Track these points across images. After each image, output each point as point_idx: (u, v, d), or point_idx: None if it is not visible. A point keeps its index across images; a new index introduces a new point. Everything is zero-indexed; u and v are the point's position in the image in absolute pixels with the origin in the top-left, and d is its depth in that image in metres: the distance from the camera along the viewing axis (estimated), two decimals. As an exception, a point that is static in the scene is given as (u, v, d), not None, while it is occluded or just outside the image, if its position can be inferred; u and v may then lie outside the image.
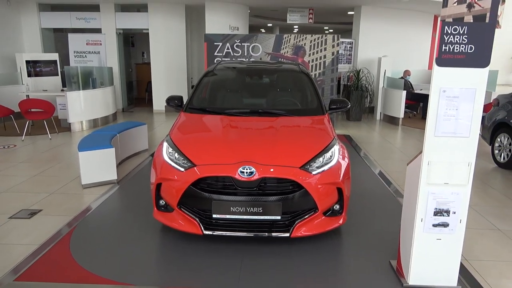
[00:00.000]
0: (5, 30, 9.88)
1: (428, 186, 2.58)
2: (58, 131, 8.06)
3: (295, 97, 4.37)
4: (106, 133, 5.51)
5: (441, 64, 2.40)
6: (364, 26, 10.26)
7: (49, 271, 2.95)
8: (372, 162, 6.02)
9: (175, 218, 3.21)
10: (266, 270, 2.96)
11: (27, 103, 7.42)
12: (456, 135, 2.48)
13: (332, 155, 3.24)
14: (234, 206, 2.98)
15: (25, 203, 4.35)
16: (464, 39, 2.35)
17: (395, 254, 3.01)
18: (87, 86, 8.52)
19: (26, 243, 3.45)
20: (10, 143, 7.18)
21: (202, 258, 3.11)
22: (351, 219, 3.81)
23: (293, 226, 3.06)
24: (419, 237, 2.67)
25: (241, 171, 2.97)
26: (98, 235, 3.53)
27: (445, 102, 2.44)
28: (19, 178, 5.23)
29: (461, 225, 2.63)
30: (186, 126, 3.66)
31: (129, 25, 10.54)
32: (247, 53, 7.99)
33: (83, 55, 10.44)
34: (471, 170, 2.53)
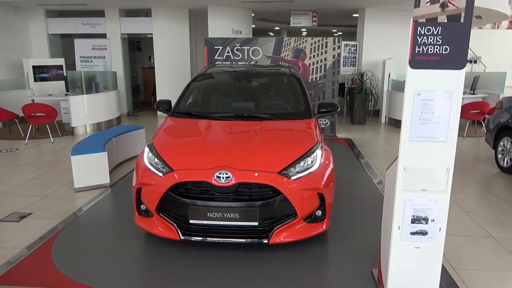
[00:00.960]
0: (14, 36, 10.09)
1: (404, 192, 2.49)
2: (61, 135, 8.16)
3: (283, 101, 4.31)
4: (101, 137, 5.53)
5: (414, 66, 2.31)
6: (368, 28, 10.13)
7: (28, 275, 2.95)
8: (371, 168, 5.90)
9: (155, 224, 3.18)
10: (243, 277, 2.90)
11: (30, 107, 7.53)
12: (432, 140, 2.39)
13: (314, 159, 3.17)
14: (211, 211, 2.94)
15: (17, 207, 4.39)
16: (439, 40, 2.26)
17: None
18: (90, 90, 8.61)
19: (11, 247, 3.47)
20: (13, 147, 7.29)
21: (180, 264, 3.08)
22: (339, 226, 3.73)
23: (272, 232, 3.00)
24: (396, 245, 2.58)
25: (218, 176, 2.93)
26: (81, 240, 3.53)
27: (420, 106, 2.35)
28: (15, 181, 5.29)
29: (440, 233, 2.53)
30: (169, 131, 3.64)
31: (134, 29, 10.64)
32: (247, 57, 7.97)
33: (88, 60, 10.57)
34: (450, 176, 2.43)
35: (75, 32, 10.80)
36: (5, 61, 9.77)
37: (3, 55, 9.71)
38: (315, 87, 7.96)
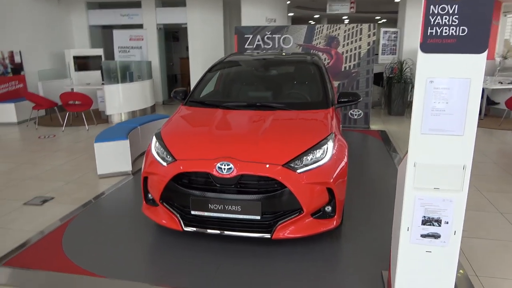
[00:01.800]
0: (56, 28, 10.52)
1: (415, 190, 2.25)
2: (96, 123, 8.42)
3: (300, 90, 4.11)
4: (127, 126, 5.61)
5: (426, 50, 2.06)
6: (410, 14, 9.54)
7: (37, 258, 3.03)
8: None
9: (159, 213, 3.15)
10: (244, 271, 2.80)
11: (67, 96, 7.82)
12: (447, 133, 2.13)
13: (324, 152, 2.98)
14: (212, 203, 2.85)
15: (42, 191, 4.56)
16: (455, 20, 1.99)
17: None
18: (125, 79, 8.80)
19: (28, 229, 3.58)
20: (51, 133, 7.62)
21: (183, 255, 3.03)
22: (355, 223, 3.53)
23: (275, 227, 2.86)
24: (405, 248, 2.36)
25: (219, 167, 2.82)
26: (93, 227, 3.58)
27: (433, 94, 2.10)
28: (46, 166, 5.50)
29: (455, 237, 2.27)
30: (178, 120, 3.58)
31: (169, 20, 10.73)
32: (278, 45, 7.76)
33: (126, 50, 10.82)
34: (467, 174, 2.16)
35: (114, 23, 11.08)
36: (49, 51, 10.23)
37: (47, 46, 10.16)
38: (348, 76, 7.62)
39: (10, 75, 8.99)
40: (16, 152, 6.31)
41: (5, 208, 4.08)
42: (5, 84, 8.83)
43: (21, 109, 8.62)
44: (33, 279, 2.80)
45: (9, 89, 8.94)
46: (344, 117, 7.75)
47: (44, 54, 10.05)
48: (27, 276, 2.83)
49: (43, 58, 10.04)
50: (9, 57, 8.93)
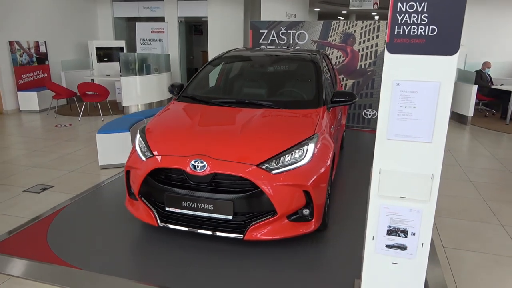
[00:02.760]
0: (82, 19, 10.82)
1: (380, 198, 2.14)
2: (112, 114, 8.61)
3: (294, 88, 4.00)
4: (132, 118, 5.69)
5: (393, 51, 1.93)
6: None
7: (21, 247, 3.11)
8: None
9: (139, 208, 3.16)
10: (214, 271, 2.76)
11: (84, 86, 8.03)
12: (414, 139, 2.00)
13: (303, 154, 2.88)
14: (185, 200, 2.83)
15: (44, 179, 4.70)
16: (424, 18, 1.86)
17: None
18: (142, 72, 8.93)
19: (22, 216, 3.70)
20: (67, 123, 7.86)
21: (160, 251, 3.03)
22: (340, 229, 3.40)
23: (247, 228, 2.81)
24: (371, 258, 2.25)
25: (193, 165, 2.79)
26: (80, 218, 3.63)
27: (399, 98, 1.97)
28: (54, 155, 5.67)
29: (423, 250, 2.14)
30: (165, 116, 3.57)
31: (190, 13, 10.79)
32: (292, 41, 7.63)
33: (148, 42, 10.98)
34: (435, 183, 2.02)
35: (137, 16, 11.27)
36: (73, 42, 10.53)
37: (73, 37, 10.47)
38: (364, 75, 7.39)
39: (35, 64, 9.33)
40: (31, 140, 6.54)
41: (6, 194, 4.23)
42: (30, 73, 9.17)
43: (43, 98, 8.93)
44: (10, 266, 2.88)
45: (34, 78, 9.28)
46: (358, 117, 7.54)
47: (68, 45, 10.36)
48: (5, 262, 2.91)
49: (68, 48, 10.35)
50: (34, 47, 9.27)
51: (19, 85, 8.90)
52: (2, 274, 2.78)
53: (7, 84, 8.72)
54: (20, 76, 8.93)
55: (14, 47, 8.73)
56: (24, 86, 8.99)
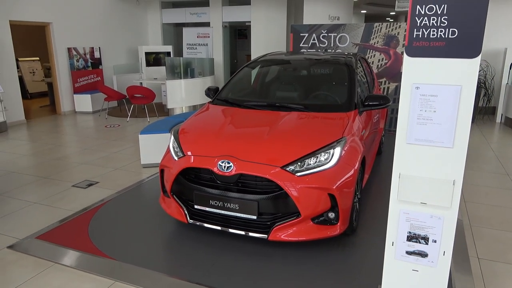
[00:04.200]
0: (134, 26, 11.41)
1: (399, 203, 2.11)
2: (158, 115, 9.00)
3: (327, 91, 3.98)
4: (173, 120, 5.93)
5: (412, 54, 1.91)
6: (489, 11, 8.63)
7: (63, 236, 3.38)
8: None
9: (170, 205, 3.31)
10: (238, 270, 2.84)
11: (132, 89, 8.47)
12: (435, 144, 1.96)
13: (329, 157, 2.89)
14: (213, 199, 2.93)
15: (91, 175, 5.04)
16: (444, 21, 1.82)
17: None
18: (187, 75, 9.26)
19: (68, 209, 4.01)
20: (116, 123, 8.33)
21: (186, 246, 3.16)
22: (369, 233, 3.36)
23: (272, 228, 2.86)
24: (390, 264, 2.22)
25: (220, 165, 2.89)
26: (119, 213, 3.87)
27: (419, 102, 1.94)
28: (102, 153, 6.05)
29: (445, 258, 2.08)
30: (198, 118, 3.70)
31: (234, 18, 11.02)
32: (333, 44, 7.57)
33: (194, 47, 11.35)
34: (456, 190, 1.97)
35: (184, 21, 11.69)
36: (126, 47, 11.14)
37: (125, 43, 11.07)
38: (407, 78, 7.16)
39: (90, 69, 9.98)
40: (82, 138, 7.02)
41: (56, 188, 4.59)
42: (85, 77, 9.82)
43: (96, 100, 9.54)
44: (55, 253, 3.14)
45: (88, 82, 9.93)
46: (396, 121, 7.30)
47: (120, 50, 10.97)
48: (51, 250, 3.18)
49: (120, 53, 10.96)
50: (89, 53, 9.92)
51: (75, 88, 9.56)
52: (47, 261, 3.04)
53: (65, 87, 9.41)
54: (77, 80, 9.59)
55: (71, 53, 9.40)
56: (79, 89, 9.64)
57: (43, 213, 3.92)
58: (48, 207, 4.06)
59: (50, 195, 4.39)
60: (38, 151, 6.18)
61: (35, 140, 6.91)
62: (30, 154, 6.05)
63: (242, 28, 13.52)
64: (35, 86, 12.19)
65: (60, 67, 9.24)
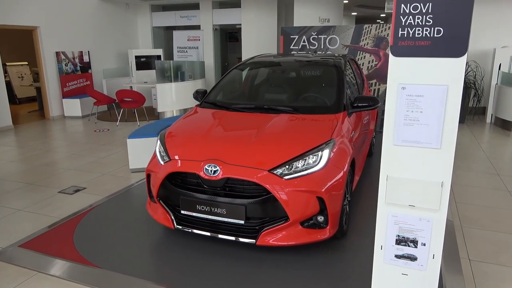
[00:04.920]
0: (124, 29, 11.33)
1: (387, 206, 2.07)
2: (148, 119, 8.92)
3: (315, 93, 3.94)
4: (162, 123, 5.86)
5: (398, 54, 1.88)
6: (475, 9, 8.69)
7: (47, 244, 3.29)
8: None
9: (157, 211, 3.24)
10: (227, 276, 2.78)
11: (121, 93, 8.38)
12: (422, 145, 1.92)
13: (317, 159, 2.84)
14: (200, 204, 2.87)
15: (78, 181, 4.95)
16: (429, 19, 1.79)
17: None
18: (177, 79, 9.20)
19: (54, 215, 3.92)
20: (106, 128, 8.23)
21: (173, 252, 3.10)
22: (360, 236, 3.32)
23: (260, 233, 2.80)
24: (380, 268, 2.17)
25: (206, 169, 2.84)
26: (105, 219, 3.79)
27: (405, 102, 1.91)
28: (90, 158, 5.96)
29: (434, 261, 2.04)
30: (185, 121, 3.64)
31: (224, 21, 10.99)
32: (323, 46, 7.56)
33: (184, 50, 11.29)
34: (445, 192, 1.93)
35: (174, 25, 11.63)
36: (116, 51, 11.04)
37: (113, 46, 10.98)
38: (397, 79, 7.16)
39: (79, 73, 9.87)
40: (71, 143, 6.91)
41: (42, 194, 4.50)
42: (74, 81, 9.71)
43: (85, 104, 9.43)
44: (38, 262, 3.05)
45: (77, 86, 9.82)
46: (391, 122, 7.31)
47: (110, 54, 10.88)
48: (34, 258, 3.10)
49: (109, 57, 10.86)
50: (78, 57, 9.81)
51: (64, 93, 9.44)
52: (30, 270, 2.95)
53: (53, 92, 9.29)
54: (65, 84, 9.47)
55: (60, 57, 9.28)
56: (68, 94, 9.53)
57: (28, 220, 3.83)
58: (33, 214, 3.97)
59: (35, 201, 4.30)
60: (25, 157, 6.07)
61: (22, 146, 6.80)
62: (17, 160, 5.94)
63: (233, 31, 13.49)
64: (24, 91, 12.03)
65: (49, 72, 9.12)
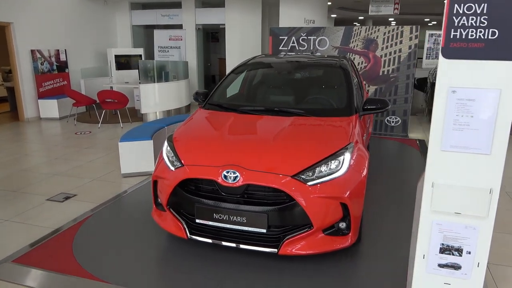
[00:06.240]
0: (101, 27, 10.90)
1: (432, 214, 1.99)
2: (131, 121, 8.60)
3: (324, 95, 3.87)
4: (153, 126, 5.63)
5: (449, 56, 1.80)
6: (459, 15, 8.91)
7: (45, 258, 3.03)
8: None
9: (166, 219, 3.06)
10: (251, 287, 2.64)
11: (103, 93, 8.04)
12: (471, 151, 1.86)
13: (340, 164, 2.75)
14: (217, 212, 2.71)
15: (67, 187, 4.65)
16: (483, 21, 1.73)
17: (404, 292, 2.44)
18: (161, 79, 8.92)
19: (45, 226, 3.64)
20: (87, 130, 7.86)
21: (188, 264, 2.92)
22: (373, 241, 3.25)
23: (282, 242, 2.68)
24: (420, 278, 2.10)
25: (225, 175, 2.68)
26: (105, 228, 3.55)
27: (456, 106, 1.84)
28: (75, 162, 5.64)
29: (479, 270, 1.99)
30: (192, 124, 3.48)
31: (207, 20, 10.78)
32: (313, 47, 7.52)
33: (165, 49, 10.99)
34: (494, 199, 1.87)
35: (155, 23, 11.31)
36: (93, 50, 10.61)
37: (91, 45, 10.54)
38: (386, 81, 7.22)
39: (55, 72, 9.40)
40: (51, 147, 6.54)
41: (29, 203, 4.18)
42: (50, 81, 9.24)
43: (63, 105, 8.98)
44: (38, 279, 2.80)
45: (54, 86, 9.35)
46: (380, 124, 7.37)
47: (88, 53, 10.44)
48: (33, 275, 2.84)
49: (87, 56, 10.42)
50: (55, 55, 9.34)
51: (40, 93, 8.97)
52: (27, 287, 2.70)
53: (28, 92, 8.79)
54: (41, 84, 8.99)
55: (35, 55, 8.81)
56: (44, 94, 9.05)
57: (17, 232, 3.54)
58: (22, 225, 3.67)
59: (22, 211, 3.99)
60: (3, 162, 5.68)
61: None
62: (-6, 165, 5.55)
63: (214, 31, 13.28)
64: (-7, 91, 11.36)
65: (23, 71, 8.62)
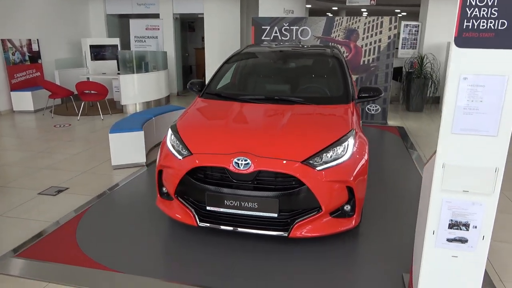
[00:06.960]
0: (74, 16, 10.53)
1: (442, 193, 2.14)
2: (111, 113, 8.43)
3: (320, 83, 3.99)
4: (142, 116, 5.57)
5: (462, 45, 1.93)
6: (432, 7, 9.25)
7: (51, 251, 3.00)
8: (421, 161, 5.38)
9: (174, 208, 3.09)
10: (259, 270, 2.73)
11: (82, 85, 7.82)
12: (480, 133, 2.01)
13: (345, 149, 2.87)
14: (228, 199, 2.78)
15: (57, 181, 4.56)
16: (494, 12, 1.86)
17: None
18: (140, 70, 8.77)
19: (43, 220, 3.58)
20: (66, 122, 7.65)
21: (199, 251, 2.97)
22: (373, 223, 3.42)
23: (292, 226, 2.78)
24: (430, 253, 2.25)
25: (236, 163, 2.74)
26: (106, 219, 3.54)
27: (467, 92, 1.97)
28: (60, 155, 5.51)
29: (484, 242, 2.16)
30: (194, 113, 3.51)
31: (185, 9, 10.63)
32: (295, 37, 7.61)
33: (142, 40, 10.79)
34: (499, 177, 2.04)
35: (131, 13, 11.04)
36: (66, 40, 10.25)
37: (64, 35, 10.18)
38: (367, 70, 7.44)
39: (28, 63, 9.04)
40: (32, 141, 6.34)
41: (20, 197, 4.08)
42: (22, 73, 8.88)
43: (37, 97, 8.67)
44: (46, 271, 2.77)
45: (27, 78, 9.00)
46: (362, 112, 7.59)
47: (61, 43, 10.08)
48: (40, 267, 2.81)
49: (61, 46, 10.07)
50: (27, 45, 8.97)
51: (12, 85, 8.61)
52: (37, 281, 2.67)
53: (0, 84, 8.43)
54: (13, 76, 8.64)
55: (6, 45, 8.43)
56: (17, 86, 8.70)
57: (14, 227, 3.46)
58: (17, 220, 3.59)
59: (15, 205, 3.89)
60: (-17, 157, 5.47)
61: (-25, 144, 6.11)
62: (-26, 160, 5.34)
63: (190, 21, 13.12)
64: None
65: (-6, 61, 8.25)
